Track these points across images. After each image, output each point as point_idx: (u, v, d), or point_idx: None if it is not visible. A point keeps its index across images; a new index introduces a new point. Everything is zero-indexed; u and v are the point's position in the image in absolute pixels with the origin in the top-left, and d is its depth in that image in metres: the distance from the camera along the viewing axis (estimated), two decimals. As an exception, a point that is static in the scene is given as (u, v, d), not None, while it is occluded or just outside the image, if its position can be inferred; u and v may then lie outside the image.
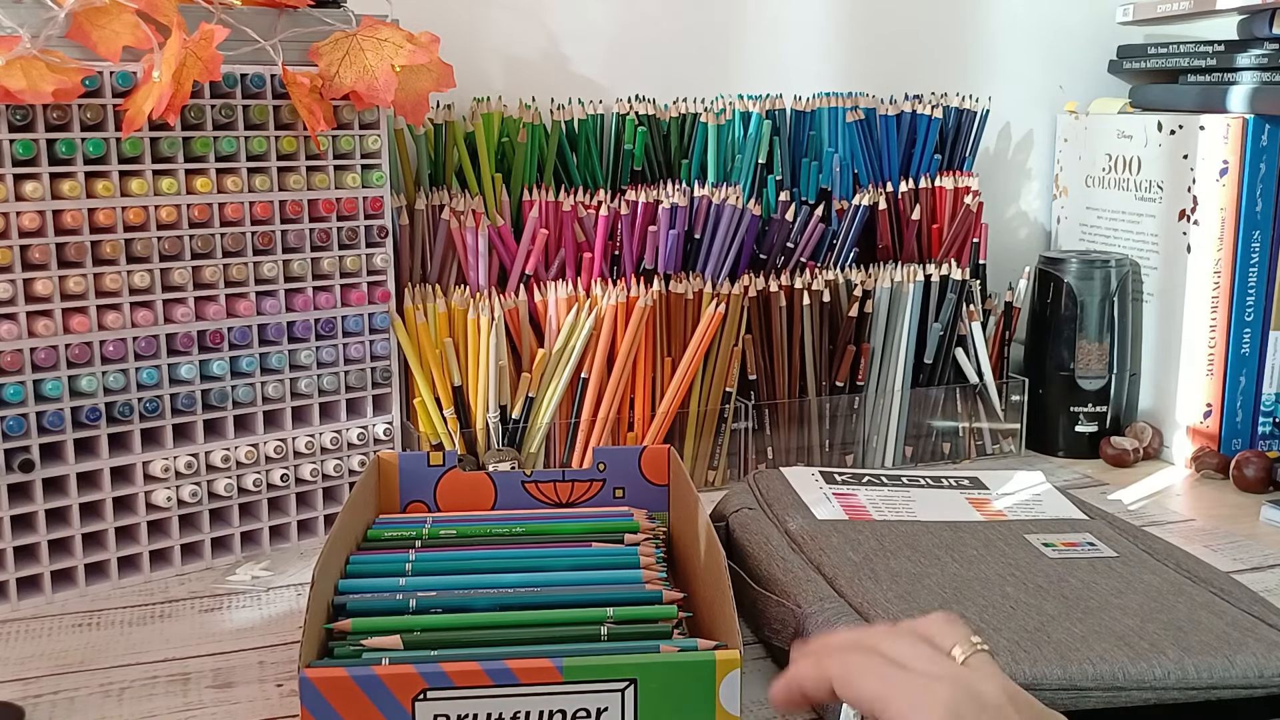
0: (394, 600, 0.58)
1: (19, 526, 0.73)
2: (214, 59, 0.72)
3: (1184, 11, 1.07)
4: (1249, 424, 1.02)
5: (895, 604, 0.61)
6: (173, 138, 0.74)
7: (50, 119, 0.70)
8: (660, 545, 0.67)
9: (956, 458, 1.04)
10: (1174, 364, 1.03)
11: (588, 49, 1.03)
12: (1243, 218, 0.98)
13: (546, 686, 0.50)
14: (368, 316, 0.84)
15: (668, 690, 0.50)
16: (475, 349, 0.88)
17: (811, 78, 1.09)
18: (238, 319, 0.79)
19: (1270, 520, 0.89)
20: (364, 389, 0.85)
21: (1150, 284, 1.05)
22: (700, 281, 0.94)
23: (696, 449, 0.96)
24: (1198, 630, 0.58)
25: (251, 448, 0.80)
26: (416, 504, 0.76)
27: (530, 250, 0.92)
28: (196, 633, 0.70)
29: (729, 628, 0.53)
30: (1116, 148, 1.09)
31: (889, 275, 0.99)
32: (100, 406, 0.74)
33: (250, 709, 0.61)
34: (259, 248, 0.78)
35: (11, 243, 0.70)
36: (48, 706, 0.61)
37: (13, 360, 0.71)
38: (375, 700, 0.49)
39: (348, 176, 0.81)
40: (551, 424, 0.91)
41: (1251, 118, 0.96)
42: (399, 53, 0.79)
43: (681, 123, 1.02)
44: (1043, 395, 1.06)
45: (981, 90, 1.13)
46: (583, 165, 0.99)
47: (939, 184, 1.05)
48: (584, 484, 0.76)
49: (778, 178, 1.02)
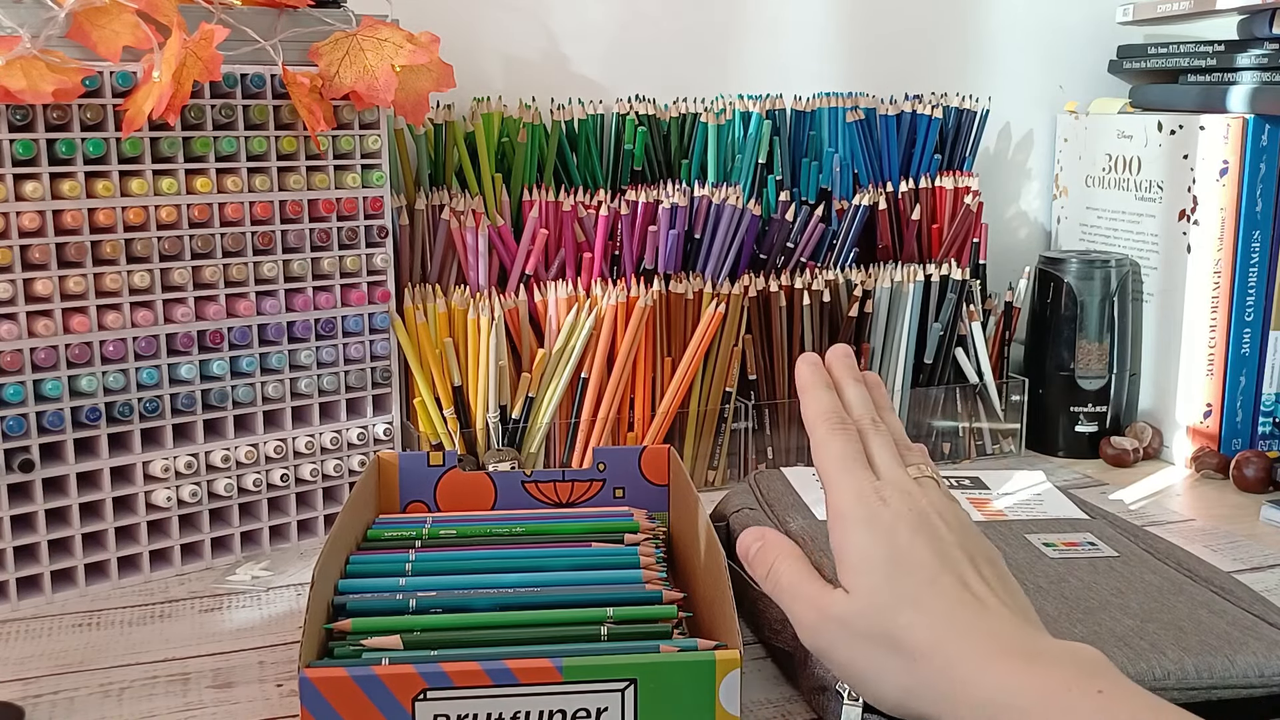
0: (394, 600, 0.58)
1: (19, 526, 0.73)
2: (214, 59, 0.72)
3: (1184, 11, 1.07)
4: (1249, 424, 1.02)
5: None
6: (173, 138, 0.74)
7: (50, 119, 0.70)
8: (660, 545, 0.67)
9: (956, 458, 1.04)
10: (1174, 364, 1.03)
11: (588, 49, 1.03)
12: (1243, 218, 0.98)
13: (546, 686, 0.50)
14: (368, 316, 0.84)
15: (668, 690, 0.50)
16: (475, 349, 0.88)
17: (811, 78, 1.09)
18: (238, 319, 0.79)
19: (1270, 520, 0.89)
20: (364, 389, 0.85)
21: (1150, 284, 1.05)
22: (700, 281, 0.94)
23: (696, 449, 0.96)
24: (1198, 630, 0.58)
25: (251, 448, 0.80)
26: (416, 504, 0.76)
27: (530, 250, 0.92)
28: (196, 633, 0.70)
29: (729, 628, 0.53)
30: (1116, 148, 1.09)
31: (889, 275, 0.99)
32: (100, 406, 0.74)
33: (250, 709, 0.61)
34: (259, 248, 0.78)
35: (11, 243, 0.70)
36: (48, 706, 0.61)
37: (13, 360, 0.71)
38: (375, 700, 0.49)
39: (348, 176, 0.81)
40: (551, 424, 0.91)
41: (1251, 118, 0.96)
42: (399, 53, 0.79)
43: (681, 123, 1.02)
44: (1043, 395, 1.06)
45: (981, 90, 1.13)
46: (583, 165, 0.99)
47: (939, 184, 1.05)
48: (584, 484, 0.76)
49: (778, 178, 1.02)
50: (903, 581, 0.48)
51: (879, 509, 0.50)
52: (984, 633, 0.46)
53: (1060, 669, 0.44)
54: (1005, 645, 0.45)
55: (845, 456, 0.53)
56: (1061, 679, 0.43)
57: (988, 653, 0.45)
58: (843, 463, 0.53)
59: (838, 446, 0.53)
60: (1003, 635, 0.46)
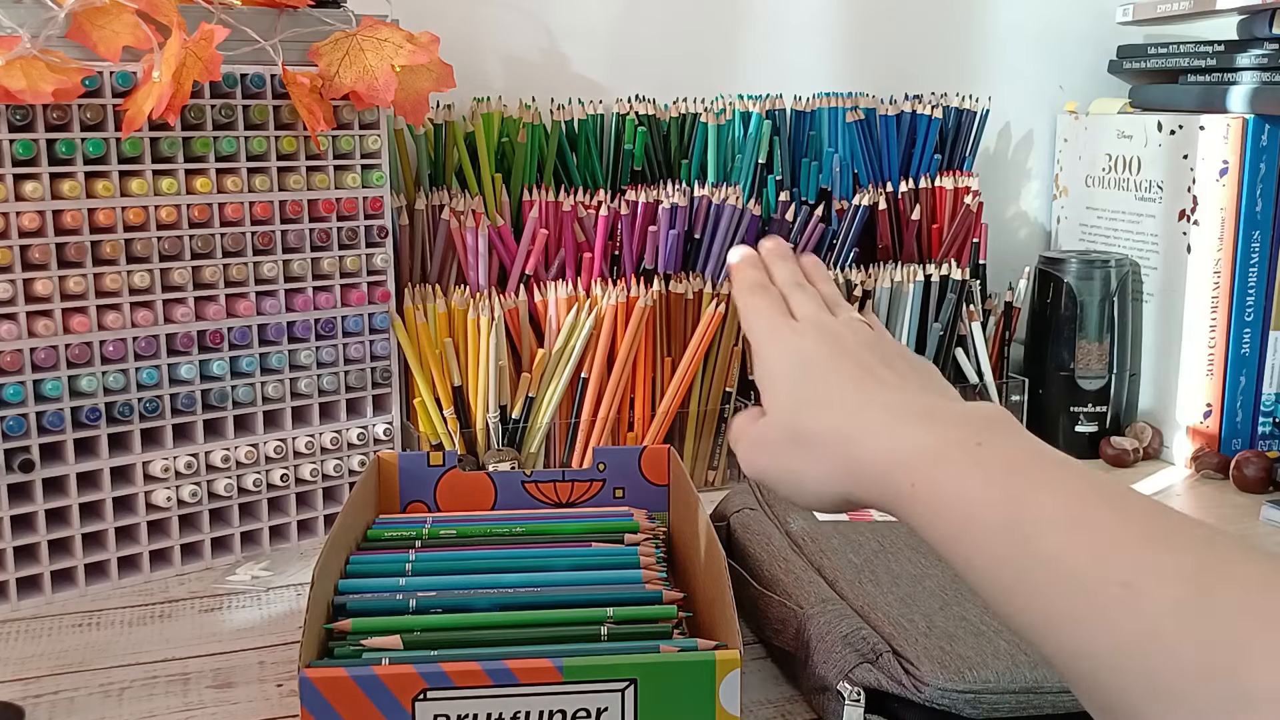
0: (394, 600, 0.58)
1: (19, 526, 0.73)
2: (214, 59, 0.72)
3: (1184, 11, 1.07)
4: (1249, 424, 1.02)
5: (896, 606, 0.61)
6: (173, 138, 0.74)
7: (50, 119, 0.70)
8: (660, 545, 0.67)
9: (956, 458, 1.04)
10: (1174, 364, 1.03)
11: (588, 49, 1.03)
12: (1243, 218, 0.98)
13: (546, 686, 0.50)
14: (368, 316, 0.84)
15: (668, 690, 0.50)
16: (475, 349, 0.88)
17: (811, 78, 1.09)
18: (238, 319, 0.79)
19: (1270, 520, 0.89)
20: (364, 389, 0.85)
21: (1150, 284, 1.05)
22: (700, 281, 0.94)
23: (696, 449, 0.96)
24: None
25: (251, 448, 0.80)
26: (416, 504, 0.76)
27: (530, 250, 0.92)
28: (196, 633, 0.70)
29: (729, 628, 0.53)
30: (1116, 148, 1.09)
31: (889, 275, 0.99)
32: (100, 406, 0.74)
33: (250, 709, 0.61)
34: (259, 248, 0.78)
35: (11, 243, 0.70)
36: (48, 706, 0.61)
37: (13, 360, 0.71)
38: (375, 700, 0.49)
39: (348, 176, 0.81)
40: (551, 424, 0.91)
41: (1251, 118, 0.96)
42: (399, 53, 0.79)
43: (681, 123, 1.02)
44: (1043, 395, 1.06)
45: (981, 90, 1.13)
46: (583, 165, 0.99)
47: (939, 184, 1.05)
48: (584, 484, 0.76)
49: (778, 178, 1.02)
50: (805, 384, 0.49)
51: (790, 335, 0.51)
52: (880, 404, 0.46)
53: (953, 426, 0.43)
54: (900, 413, 0.45)
55: (765, 307, 0.53)
56: (947, 434, 0.42)
57: (881, 421, 0.45)
58: (762, 312, 0.53)
59: (758, 301, 0.53)
60: (899, 405, 0.45)
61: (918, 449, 0.42)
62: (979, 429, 0.42)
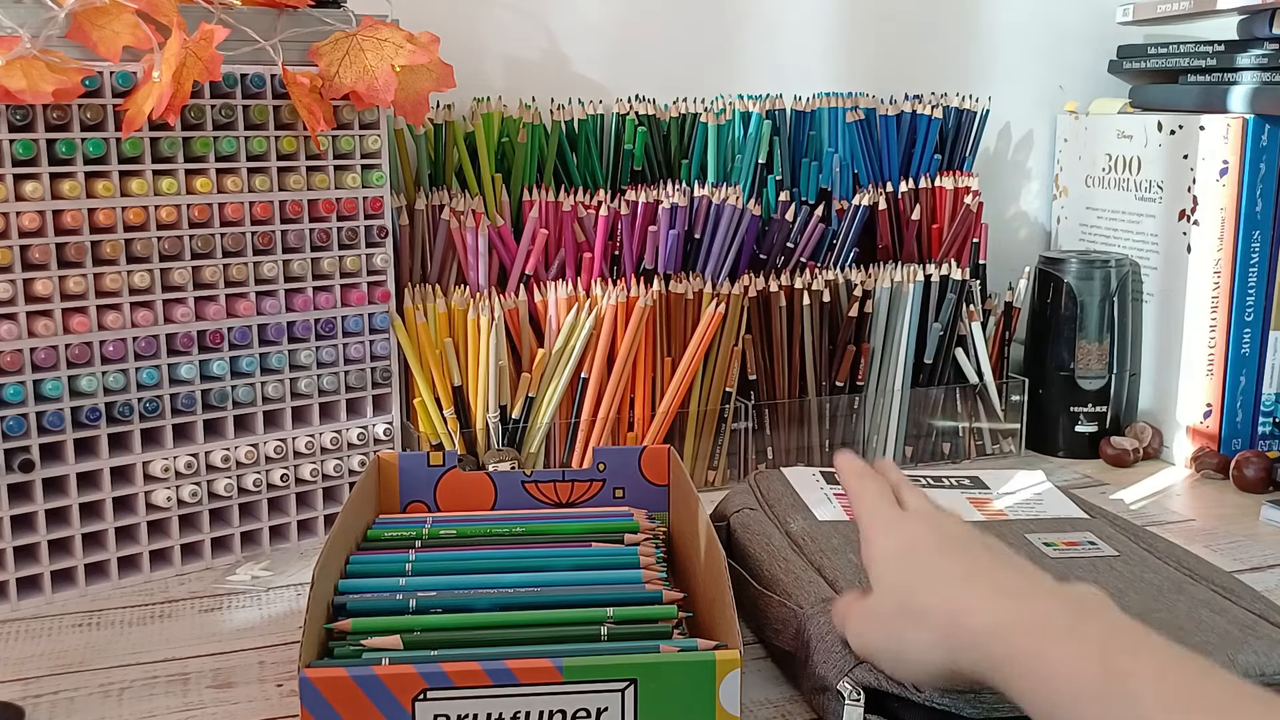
0: (394, 600, 0.58)
1: (19, 526, 0.73)
2: (214, 59, 0.72)
3: (1184, 11, 1.07)
4: (1249, 424, 1.02)
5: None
6: (173, 138, 0.74)
7: (50, 119, 0.70)
8: (660, 545, 0.67)
9: (956, 458, 1.04)
10: (1174, 364, 1.03)
11: (588, 49, 1.03)
12: (1243, 218, 0.98)
13: (546, 686, 0.50)
14: (368, 316, 0.84)
15: (668, 690, 0.50)
16: (475, 349, 0.88)
17: (811, 78, 1.09)
18: (238, 319, 0.79)
19: (1270, 520, 0.89)
20: (364, 389, 0.85)
21: (1150, 284, 1.05)
22: (700, 281, 0.94)
23: (696, 449, 0.96)
24: (1199, 629, 0.58)
25: (251, 448, 0.80)
26: (416, 504, 0.76)
27: (530, 250, 0.92)
28: (196, 633, 0.70)
29: (729, 628, 0.53)
30: (1116, 148, 1.09)
31: (889, 275, 0.99)
32: (100, 406, 0.74)
33: (250, 709, 0.61)
34: (259, 248, 0.78)
35: (11, 243, 0.70)
36: (48, 706, 0.61)
37: (13, 360, 0.71)
38: (375, 700, 0.49)
39: (348, 176, 0.81)
40: (551, 424, 0.91)
41: (1251, 118, 0.96)
42: (399, 53, 0.79)
43: (681, 123, 1.02)
44: (1042, 395, 1.06)
45: (981, 90, 1.13)
46: (583, 165, 0.99)
47: (939, 184, 1.05)
48: (584, 484, 0.76)
49: (778, 178, 1.02)
50: (915, 563, 0.54)
51: (898, 521, 0.57)
52: (986, 582, 0.50)
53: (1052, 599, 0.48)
54: (1004, 589, 0.50)
55: (872, 495, 0.59)
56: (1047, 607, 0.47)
57: (986, 594, 0.49)
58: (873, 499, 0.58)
59: (871, 485, 0.59)
60: (1003, 583, 0.50)
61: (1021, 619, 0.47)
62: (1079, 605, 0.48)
